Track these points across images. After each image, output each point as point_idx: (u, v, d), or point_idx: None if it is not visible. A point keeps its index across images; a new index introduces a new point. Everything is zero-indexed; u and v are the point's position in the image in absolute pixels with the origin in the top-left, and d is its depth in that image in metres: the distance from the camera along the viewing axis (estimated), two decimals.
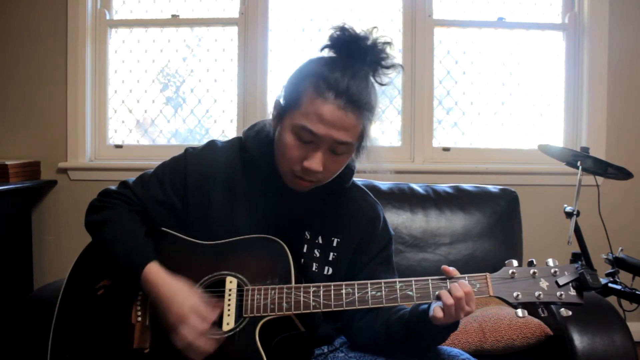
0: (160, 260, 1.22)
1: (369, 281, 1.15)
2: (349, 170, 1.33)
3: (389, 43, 1.17)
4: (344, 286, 1.15)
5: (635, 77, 2.74)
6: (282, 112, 1.18)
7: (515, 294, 1.10)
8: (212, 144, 1.35)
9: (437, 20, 2.77)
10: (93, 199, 1.34)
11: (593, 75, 2.71)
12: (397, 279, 1.15)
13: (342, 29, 1.16)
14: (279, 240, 1.21)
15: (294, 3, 2.82)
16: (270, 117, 1.25)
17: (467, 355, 1.22)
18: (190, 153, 1.33)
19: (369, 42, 1.16)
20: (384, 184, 1.95)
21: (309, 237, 1.28)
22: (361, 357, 1.28)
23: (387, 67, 1.19)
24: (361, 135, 1.18)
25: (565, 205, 1.75)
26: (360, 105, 1.13)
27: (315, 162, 1.14)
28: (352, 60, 1.16)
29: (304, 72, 1.18)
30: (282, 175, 1.22)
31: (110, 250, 1.24)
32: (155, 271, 1.19)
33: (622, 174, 1.77)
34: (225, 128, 2.89)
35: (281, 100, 1.20)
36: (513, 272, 1.12)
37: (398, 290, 1.13)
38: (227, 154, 1.32)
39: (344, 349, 1.35)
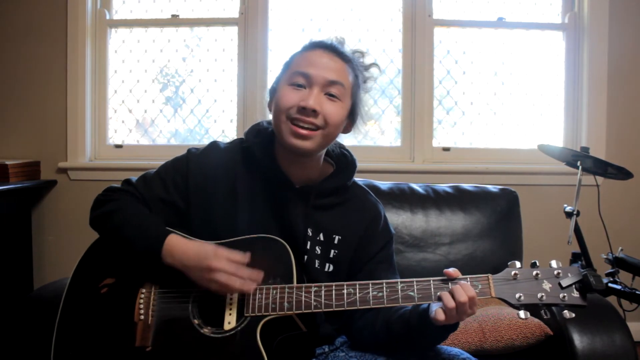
0: None
1: (370, 281, 1.15)
2: (352, 165, 1.35)
3: (362, 52, 1.31)
4: (345, 286, 1.15)
5: (635, 77, 2.74)
6: (275, 84, 1.29)
7: (517, 296, 1.09)
8: (214, 144, 1.36)
9: (437, 20, 2.77)
10: (98, 195, 1.34)
11: (593, 75, 2.71)
12: (399, 280, 1.15)
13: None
14: (281, 240, 1.22)
15: (294, 3, 2.82)
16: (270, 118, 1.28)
17: (467, 355, 1.22)
18: (193, 153, 1.34)
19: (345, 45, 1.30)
20: (383, 184, 1.95)
21: (311, 234, 1.29)
22: (361, 357, 1.29)
23: (366, 68, 1.31)
24: (353, 94, 1.26)
25: (565, 205, 1.75)
26: (345, 58, 1.26)
27: (310, 99, 1.20)
28: None
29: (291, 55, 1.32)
30: (283, 134, 1.23)
31: (124, 234, 1.24)
32: (178, 239, 1.21)
33: (622, 174, 1.76)
34: (225, 128, 2.89)
35: (273, 84, 1.32)
36: (515, 274, 1.11)
37: (399, 291, 1.13)
38: (229, 154, 1.33)
39: (345, 349, 1.35)
